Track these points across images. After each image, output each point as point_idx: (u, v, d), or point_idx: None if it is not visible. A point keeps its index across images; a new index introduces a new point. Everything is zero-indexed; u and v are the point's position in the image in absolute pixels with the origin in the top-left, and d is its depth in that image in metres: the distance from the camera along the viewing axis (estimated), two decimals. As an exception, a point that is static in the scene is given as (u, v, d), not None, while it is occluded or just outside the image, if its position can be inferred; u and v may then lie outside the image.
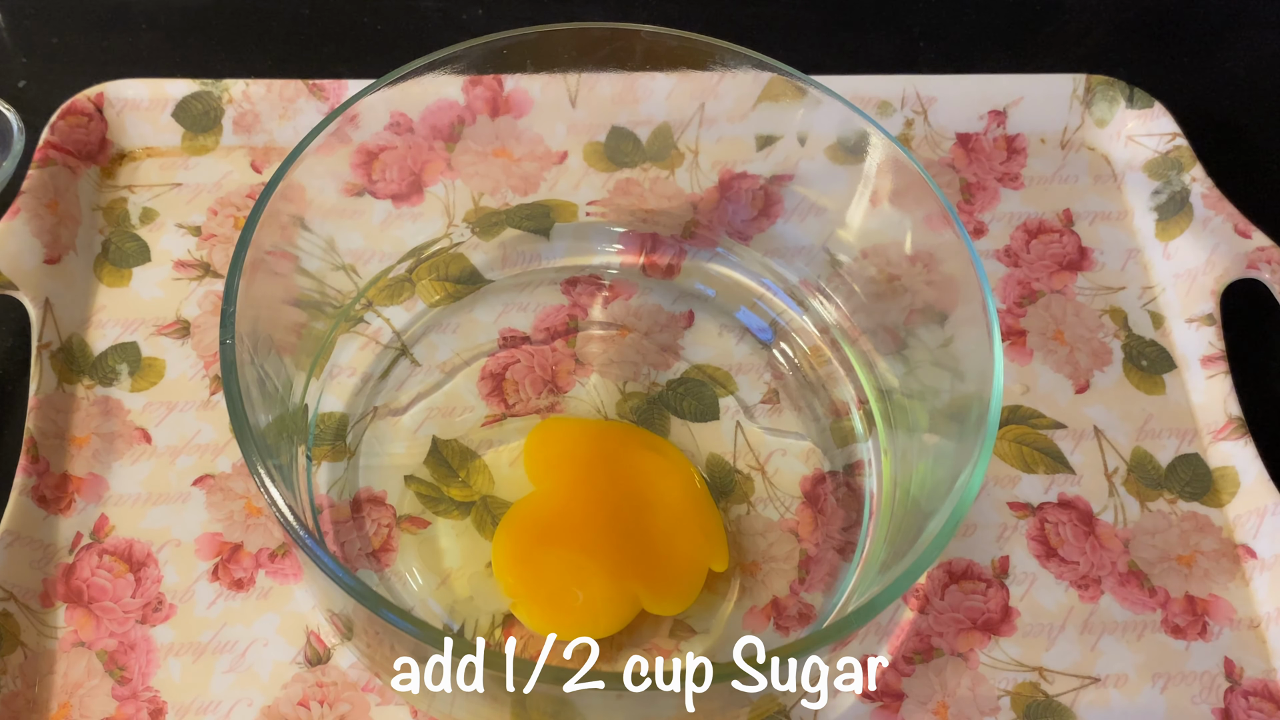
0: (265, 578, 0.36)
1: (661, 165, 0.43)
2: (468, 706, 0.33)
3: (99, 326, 0.41)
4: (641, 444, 0.38)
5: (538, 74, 0.40)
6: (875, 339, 0.40)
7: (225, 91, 0.45)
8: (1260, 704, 0.36)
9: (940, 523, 0.30)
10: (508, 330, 0.41)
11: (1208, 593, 0.37)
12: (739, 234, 0.43)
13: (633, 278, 0.43)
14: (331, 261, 0.40)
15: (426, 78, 0.37)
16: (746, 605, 0.36)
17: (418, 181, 0.42)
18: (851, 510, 0.38)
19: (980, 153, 0.47)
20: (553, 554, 0.35)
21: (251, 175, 0.44)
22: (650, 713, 0.31)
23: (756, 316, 0.42)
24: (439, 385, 0.40)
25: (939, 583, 0.37)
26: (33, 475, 0.37)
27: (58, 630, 0.35)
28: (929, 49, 0.51)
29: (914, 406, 0.37)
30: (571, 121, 0.43)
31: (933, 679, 0.36)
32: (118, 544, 0.37)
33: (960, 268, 0.34)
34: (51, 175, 0.42)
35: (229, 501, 0.38)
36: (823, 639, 0.28)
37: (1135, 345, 0.42)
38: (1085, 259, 0.44)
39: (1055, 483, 0.39)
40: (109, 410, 0.39)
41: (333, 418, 0.39)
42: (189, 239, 0.43)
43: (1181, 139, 0.45)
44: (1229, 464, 0.39)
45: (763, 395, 0.40)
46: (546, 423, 0.39)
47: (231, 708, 0.34)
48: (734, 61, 0.38)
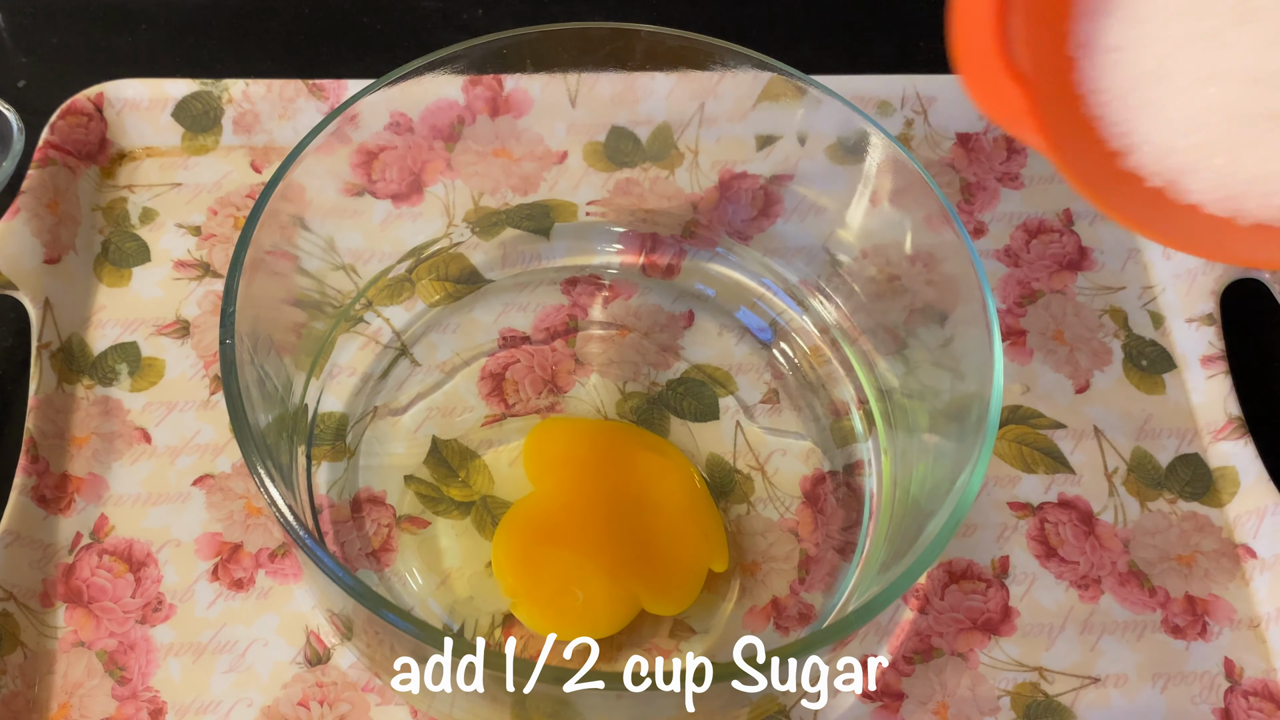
0: (265, 578, 0.36)
1: (661, 165, 0.43)
2: (468, 706, 0.33)
3: (99, 326, 0.41)
4: (641, 444, 0.38)
5: (538, 74, 0.40)
6: (875, 339, 0.40)
7: (225, 91, 0.45)
8: (1260, 704, 0.36)
9: (940, 523, 0.30)
10: (508, 330, 0.41)
11: (1208, 593, 0.37)
12: (739, 234, 0.43)
13: (633, 278, 0.43)
14: (331, 261, 0.40)
15: (426, 78, 0.37)
16: (746, 605, 0.36)
17: (418, 181, 0.42)
18: (851, 510, 0.38)
19: (980, 152, 0.46)
20: (553, 554, 0.35)
21: (251, 175, 0.44)
22: (650, 713, 0.31)
23: (756, 316, 0.42)
24: (439, 385, 0.40)
25: (939, 583, 0.37)
26: (33, 475, 0.37)
27: (58, 630, 0.35)
28: (929, 49, 0.51)
29: (914, 406, 0.37)
30: (571, 121, 0.43)
31: (933, 679, 0.36)
32: (118, 544, 0.37)
33: (960, 268, 0.34)
34: (51, 175, 0.42)
35: (229, 501, 0.37)
36: (823, 639, 0.28)
37: (1135, 345, 0.42)
38: (1085, 259, 0.44)
39: (1055, 483, 0.39)
40: (109, 410, 0.39)
41: (333, 418, 0.39)
42: (189, 239, 0.43)
43: (1181, 139, 0.45)
44: (1229, 464, 0.39)
45: (763, 395, 0.40)
46: (546, 423, 0.39)
47: (231, 708, 0.34)
48: (734, 61, 0.38)
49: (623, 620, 0.35)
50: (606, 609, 0.35)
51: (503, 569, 0.36)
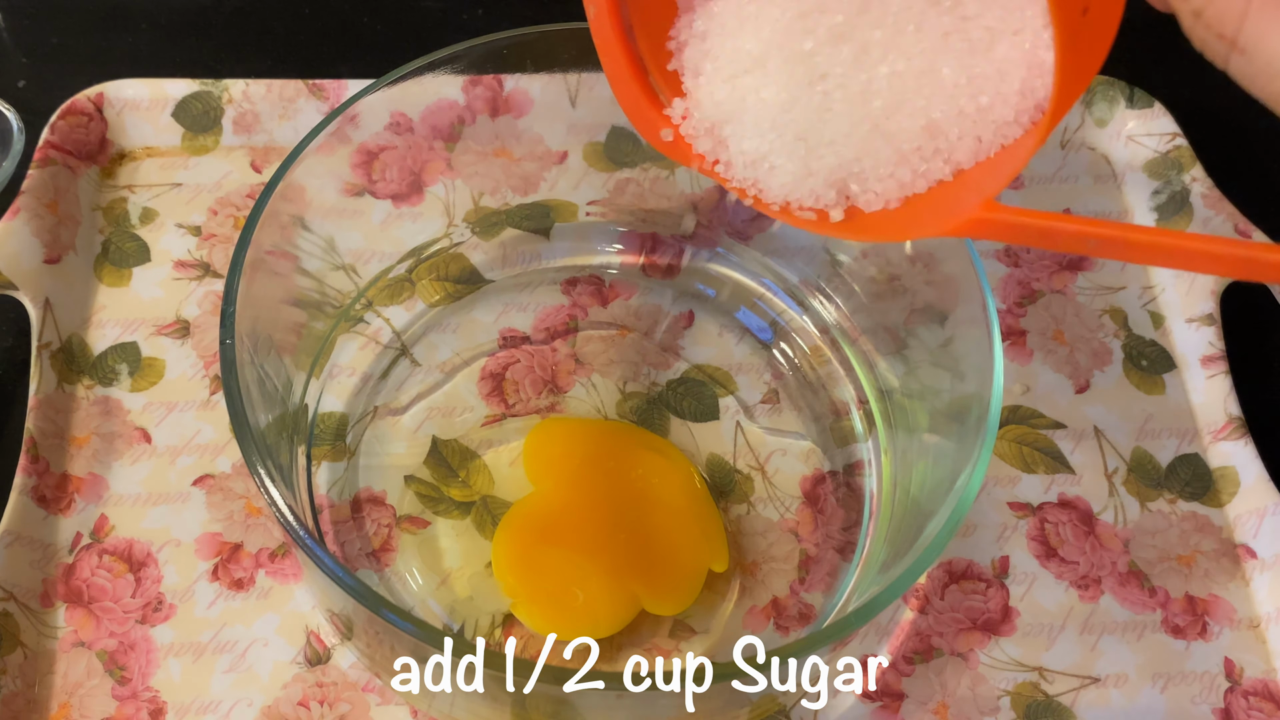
0: (265, 578, 0.36)
1: (661, 165, 0.43)
2: (468, 706, 0.33)
3: (99, 326, 0.41)
4: (641, 444, 0.38)
5: (538, 74, 0.40)
6: (875, 339, 0.40)
7: (225, 91, 0.45)
8: (1260, 704, 0.36)
9: (940, 523, 0.30)
10: (508, 330, 0.41)
11: (1208, 593, 0.37)
12: (739, 234, 0.43)
13: (633, 278, 0.43)
14: (331, 261, 0.40)
15: (426, 78, 0.37)
16: (746, 605, 0.36)
17: (418, 181, 0.42)
18: (851, 510, 0.38)
19: (980, 153, 0.46)
20: (553, 554, 0.35)
21: (251, 175, 0.44)
22: (650, 713, 0.31)
23: (756, 316, 0.42)
24: (439, 385, 0.40)
25: (939, 583, 0.37)
26: (33, 475, 0.37)
27: (58, 630, 0.35)
28: (929, 49, 0.51)
29: (914, 406, 0.37)
30: (571, 121, 0.43)
31: (933, 679, 0.36)
32: (118, 544, 0.37)
33: (960, 268, 0.34)
34: (51, 175, 0.42)
35: (229, 501, 0.37)
36: (823, 639, 0.28)
37: (1135, 345, 0.42)
38: (1085, 259, 0.44)
39: (1055, 483, 0.39)
40: (109, 410, 0.39)
41: (333, 418, 0.39)
42: (189, 239, 0.43)
43: (1181, 139, 0.45)
44: (1229, 464, 0.39)
45: (763, 395, 0.40)
46: (546, 423, 0.39)
47: (231, 708, 0.34)
48: (734, 61, 0.38)
49: (623, 620, 0.35)
50: (606, 609, 0.35)
51: (503, 569, 0.36)
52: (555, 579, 0.35)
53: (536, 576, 0.35)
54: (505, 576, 0.35)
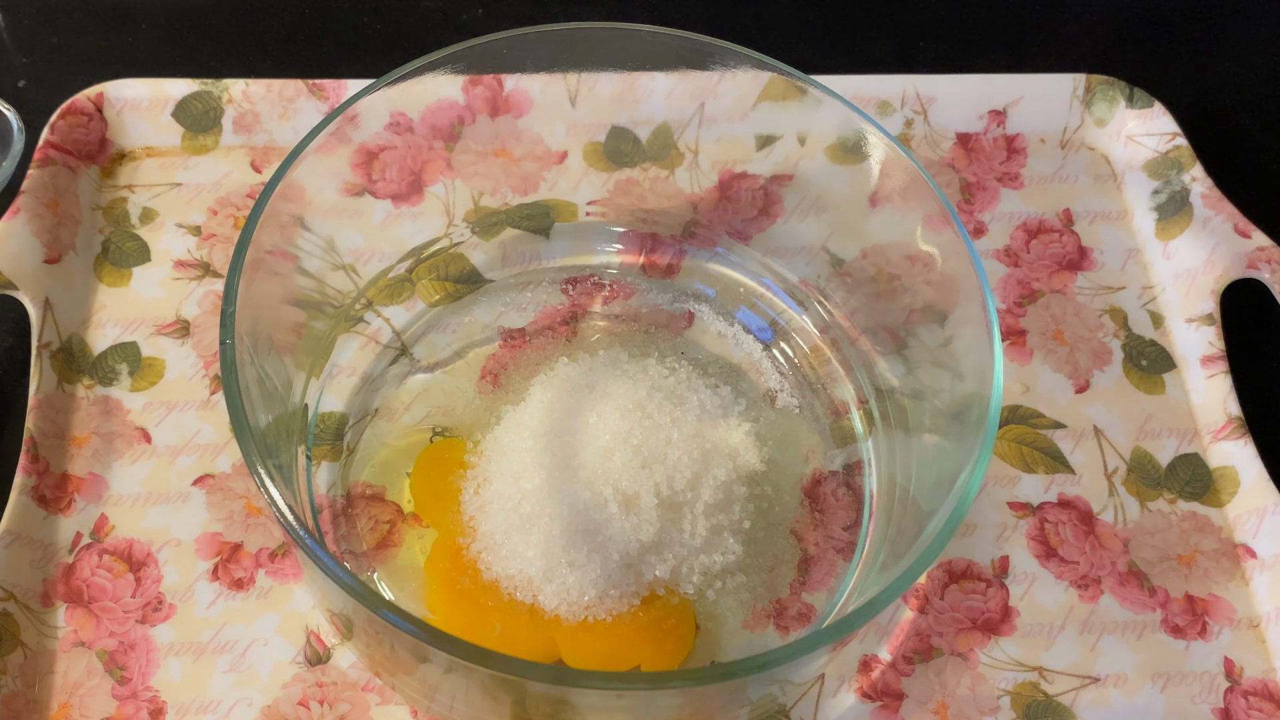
0: (265, 578, 0.36)
1: (661, 165, 0.43)
2: (468, 706, 0.32)
3: (99, 326, 0.41)
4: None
5: (538, 74, 0.40)
6: (875, 339, 0.40)
7: (225, 91, 0.45)
8: (1260, 704, 0.36)
9: (940, 523, 0.30)
10: (508, 330, 0.41)
11: (1208, 593, 0.37)
12: (739, 234, 0.43)
13: (633, 278, 0.43)
14: (331, 261, 0.40)
15: (426, 78, 0.37)
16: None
17: (418, 181, 0.42)
18: (851, 510, 0.38)
19: (980, 153, 0.47)
20: (479, 580, 0.34)
21: (251, 175, 0.44)
22: (650, 713, 0.31)
23: (756, 316, 0.42)
24: (439, 385, 0.40)
25: (939, 583, 0.37)
26: (33, 475, 0.37)
27: (58, 630, 0.35)
28: (929, 49, 0.51)
29: (914, 406, 0.37)
30: (571, 121, 0.43)
31: (933, 679, 0.36)
32: (118, 544, 0.37)
33: (960, 268, 0.34)
34: (51, 175, 0.42)
35: (229, 501, 0.38)
36: (823, 639, 0.28)
37: (1135, 345, 0.42)
38: (1085, 259, 0.44)
39: (1055, 482, 0.39)
40: (109, 410, 0.39)
41: (333, 417, 0.39)
42: (189, 239, 0.43)
43: (1181, 139, 0.45)
44: (1229, 464, 0.39)
45: (762, 395, 0.40)
46: (435, 447, 0.38)
47: (231, 708, 0.34)
48: (734, 61, 0.38)
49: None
50: (524, 650, 0.33)
51: (433, 567, 0.35)
52: (476, 605, 0.34)
53: (458, 599, 0.34)
54: (432, 573, 0.35)
